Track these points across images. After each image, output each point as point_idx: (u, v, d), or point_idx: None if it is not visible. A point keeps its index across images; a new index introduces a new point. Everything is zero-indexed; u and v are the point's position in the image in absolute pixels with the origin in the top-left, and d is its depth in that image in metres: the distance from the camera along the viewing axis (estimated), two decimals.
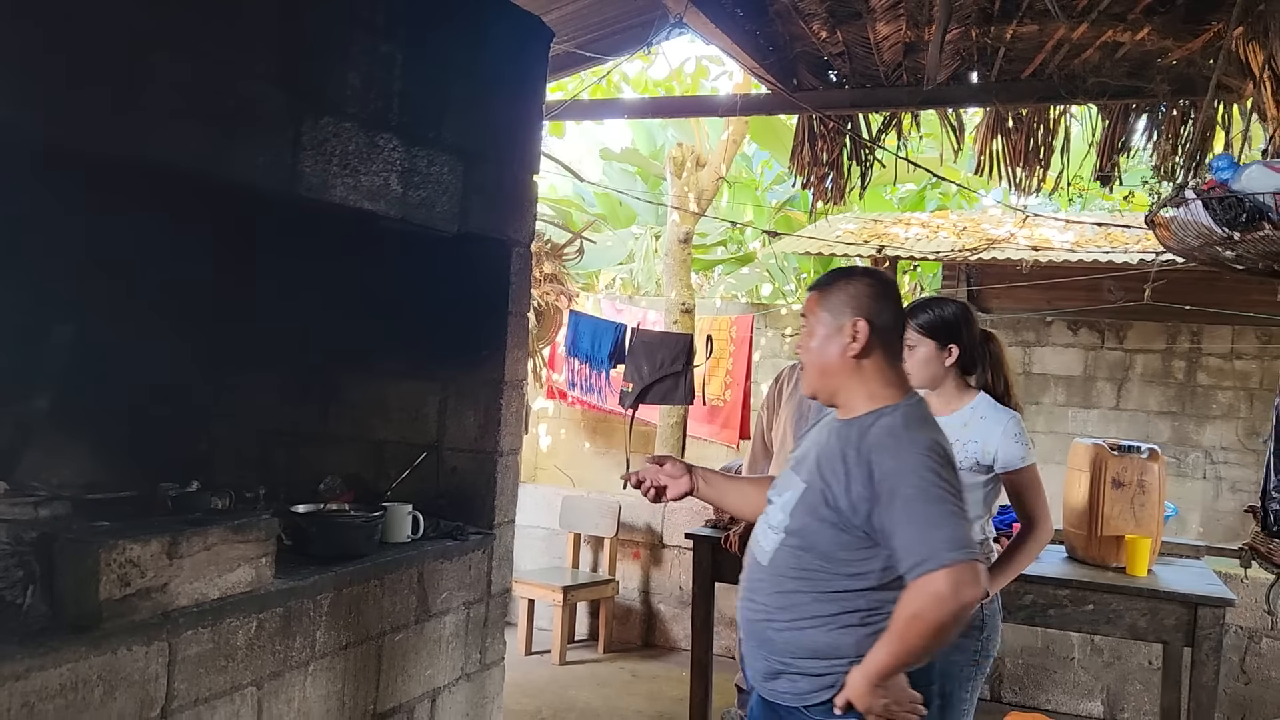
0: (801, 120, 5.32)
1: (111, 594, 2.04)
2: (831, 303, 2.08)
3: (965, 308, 2.89)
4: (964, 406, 2.86)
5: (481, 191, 3.08)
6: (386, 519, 2.96)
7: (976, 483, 2.82)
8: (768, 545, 2.11)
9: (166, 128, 2.06)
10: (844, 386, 2.06)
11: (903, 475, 1.90)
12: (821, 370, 2.08)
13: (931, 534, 1.85)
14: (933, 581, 1.82)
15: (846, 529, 1.97)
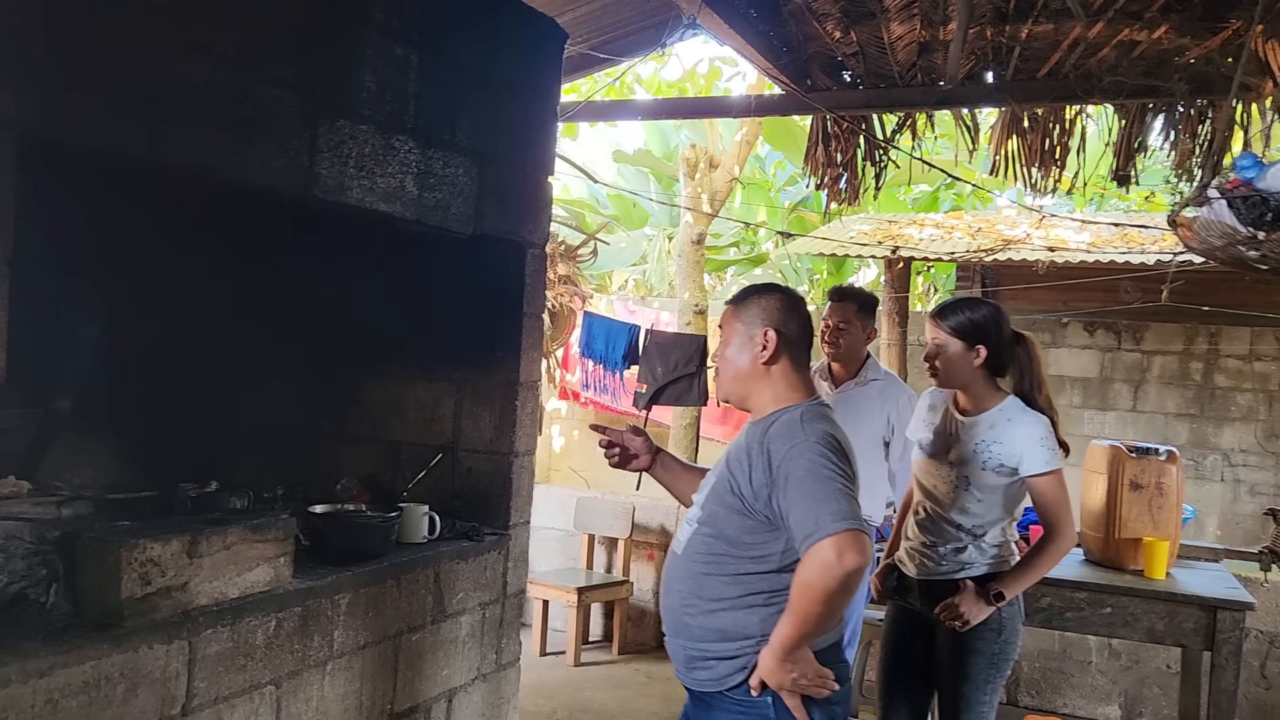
0: (815, 121, 5.31)
1: (133, 592, 2.06)
2: (745, 315, 2.25)
3: (997, 309, 2.89)
4: (992, 408, 2.85)
5: (496, 193, 3.10)
6: (403, 519, 2.98)
7: (999, 484, 2.83)
8: (683, 536, 2.27)
9: (183, 130, 2.08)
10: (754, 391, 2.24)
11: (796, 460, 2.05)
12: (734, 376, 2.26)
13: (819, 508, 1.99)
14: (820, 550, 1.96)
15: (749, 514, 2.12)
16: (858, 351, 3.97)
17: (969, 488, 2.85)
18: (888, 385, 3.95)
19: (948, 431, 2.93)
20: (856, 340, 3.95)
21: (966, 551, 2.89)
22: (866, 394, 3.92)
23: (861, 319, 3.95)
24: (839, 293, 4.05)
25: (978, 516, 2.87)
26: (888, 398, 3.90)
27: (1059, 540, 2.79)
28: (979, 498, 2.85)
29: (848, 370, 3.99)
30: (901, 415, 3.81)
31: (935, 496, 2.93)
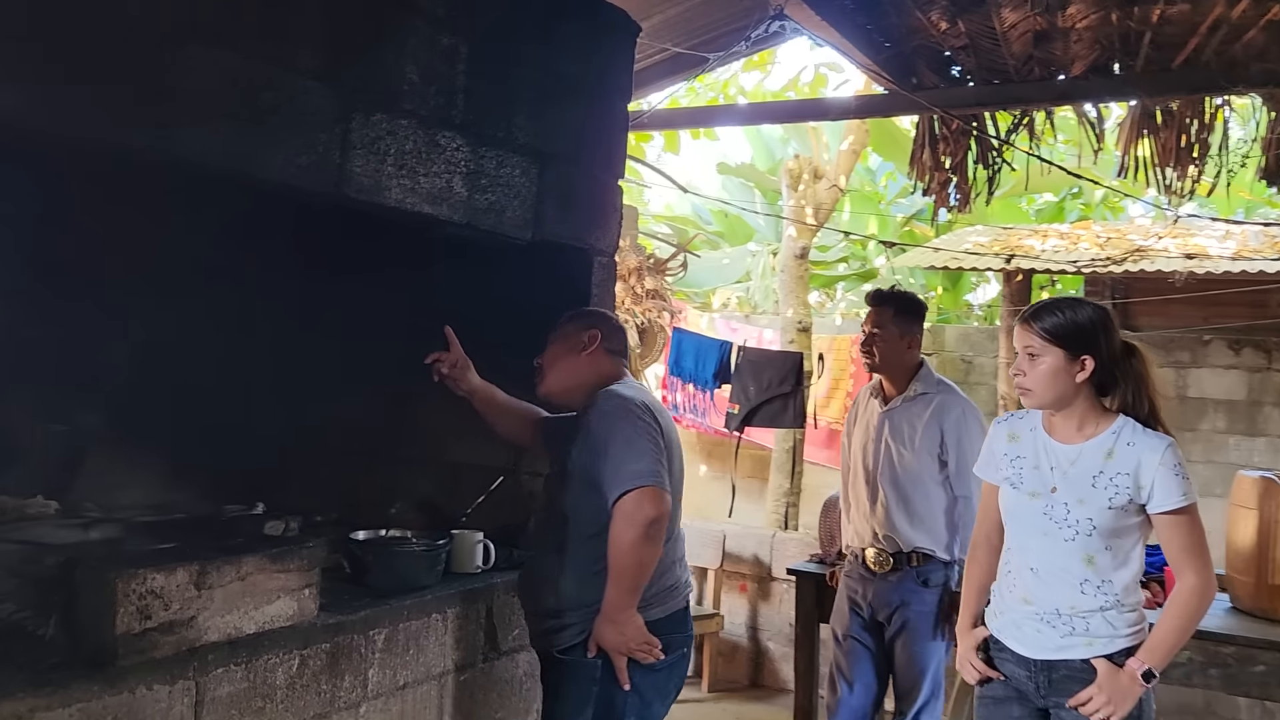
0: (921, 121, 4.94)
1: (130, 627, 1.88)
2: (568, 327, 2.60)
3: (1103, 312, 2.39)
4: (1104, 432, 2.34)
5: (558, 196, 2.87)
6: (454, 547, 2.76)
7: (1131, 525, 2.31)
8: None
9: (194, 124, 1.91)
10: (582, 386, 2.53)
11: (610, 431, 2.34)
12: (560, 375, 2.56)
13: (621, 470, 2.28)
14: (621, 505, 2.25)
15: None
16: (898, 361, 3.47)
17: (1091, 533, 2.31)
18: (941, 397, 3.43)
19: (1046, 465, 2.39)
20: (893, 348, 3.45)
21: (1098, 620, 2.32)
22: (914, 409, 3.43)
23: (900, 324, 3.45)
24: (874, 296, 3.61)
25: (1107, 571, 2.31)
26: (941, 411, 3.39)
27: (1204, 589, 2.29)
28: (1105, 546, 2.31)
29: (897, 385, 3.51)
30: (960, 431, 3.34)
31: (1044, 550, 2.37)
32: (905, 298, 3.58)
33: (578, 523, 2.40)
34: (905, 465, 3.39)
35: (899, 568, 3.39)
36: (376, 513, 3.06)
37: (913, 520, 3.38)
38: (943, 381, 3.51)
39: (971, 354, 8.81)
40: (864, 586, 3.48)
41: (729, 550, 5.28)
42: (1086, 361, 2.32)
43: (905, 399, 3.45)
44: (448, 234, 2.61)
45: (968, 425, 3.36)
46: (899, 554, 3.39)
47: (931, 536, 3.37)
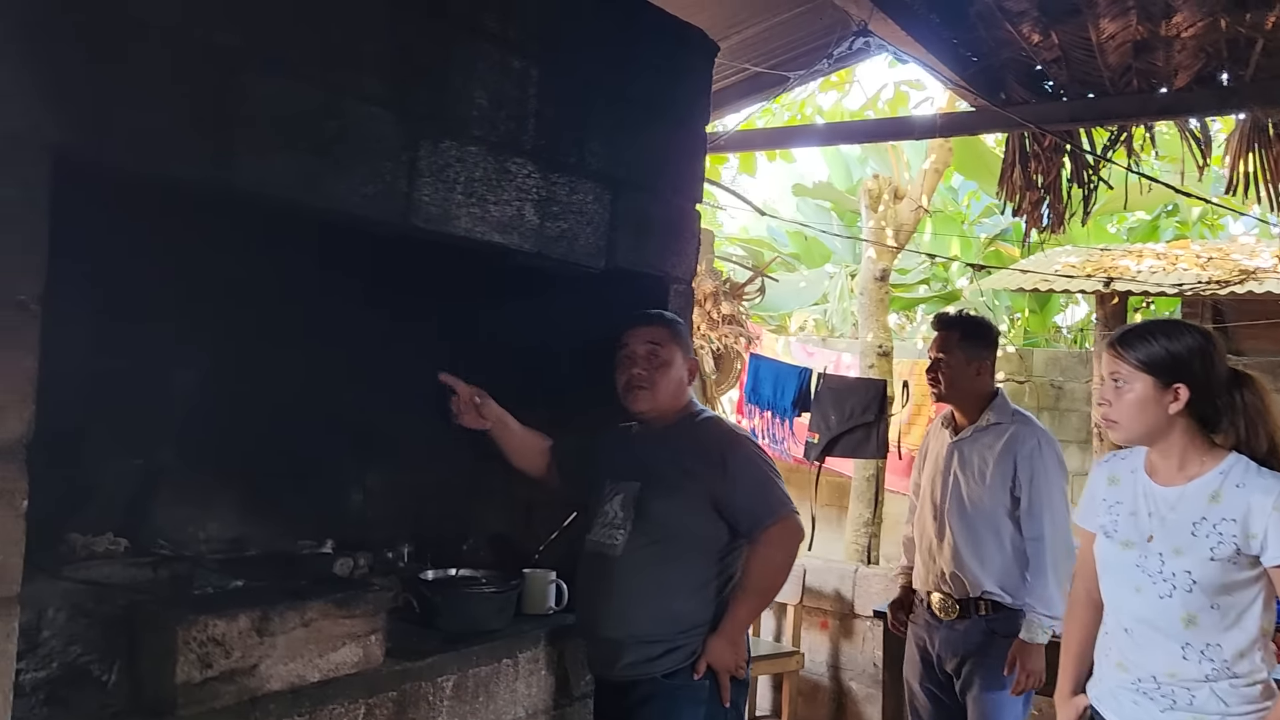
0: (1011, 139, 4.73)
1: (190, 677, 1.81)
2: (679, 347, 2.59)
3: (1204, 336, 2.13)
4: (1209, 471, 2.07)
5: (632, 223, 2.76)
6: (525, 588, 2.66)
7: (1242, 580, 2.03)
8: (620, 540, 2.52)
9: (254, 152, 1.85)
10: (677, 407, 2.57)
11: (744, 458, 2.47)
12: (672, 392, 2.54)
13: (770, 496, 2.42)
14: (774, 531, 2.37)
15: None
16: (966, 388, 3.24)
17: (1191, 589, 2.05)
18: (1015, 428, 3.17)
19: (1144, 511, 2.14)
20: (960, 374, 3.22)
21: (1204, 692, 2.05)
22: (985, 440, 3.19)
23: (967, 349, 3.22)
24: (940, 320, 3.39)
25: (1212, 633, 2.04)
26: (1015, 442, 3.14)
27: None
28: (1211, 604, 2.04)
29: (968, 414, 3.27)
30: (1035, 465, 3.09)
31: (1138, 608, 2.13)
32: (972, 321, 3.38)
33: (680, 543, 2.38)
34: (974, 500, 3.16)
35: (966, 615, 3.16)
36: (448, 548, 2.98)
37: (982, 561, 3.13)
38: (1019, 411, 3.27)
39: (1061, 379, 8.48)
40: (930, 634, 3.26)
41: (809, 585, 5.09)
42: (1180, 391, 2.06)
43: (976, 429, 3.22)
44: (518, 263, 2.52)
45: (1043, 459, 3.11)
46: (966, 600, 3.15)
47: (1001, 581, 3.12)
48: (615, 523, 2.45)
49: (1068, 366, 8.47)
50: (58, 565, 2.19)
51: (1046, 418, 8.47)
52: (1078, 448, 8.21)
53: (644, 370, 2.50)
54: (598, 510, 2.53)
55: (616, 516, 2.45)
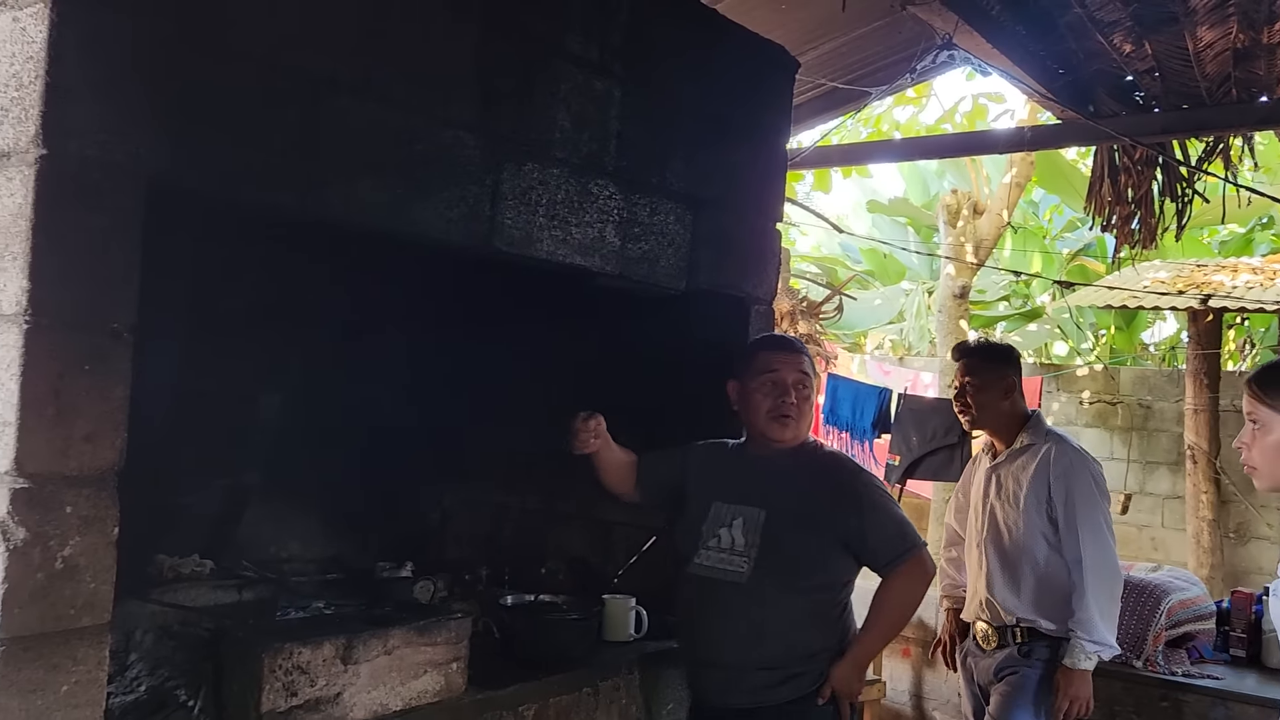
0: (1099, 152, 4.58)
1: (275, 705, 1.80)
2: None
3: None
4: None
5: (713, 243, 2.72)
6: (605, 614, 2.61)
7: None
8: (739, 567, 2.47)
9: (341, 178, 1.85)
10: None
11: (878, 492, 2.52)
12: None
13: (905, 531, 2.44)
14: (912, 566, 2.38)
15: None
16: (996, 410, 3.14)
17: None
18: (1049, 447, 3.05)
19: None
20: (989, 397, 3.12)
21: None
22: (1020, 462, 3.08)
23: (992, 371, 3.13)
24: (958, 349, 3.33)
25: None
26: (1048, 463, 3.02)
27: None
28: None
29: (1003, 438, 3.16)
30: (1069, 484, 2.96)
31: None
32: (992, 346, 3.38)
33: (811, 576, 2.38)
34: (1010, 525, 3.04)
35: (1004, 644, 3.04)
36: (527, 570, 2.96)
37: (1018, 588, 3.01)
38: (1053, 431, 3.14)
39: (1150, 398, 8.20)
40: (976, 664, 3.16)
41: None
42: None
43: (1011, 453, 3.11)
44: (600, 284, 2.49)
45: (1077, 478, 2.97)
46: (1003, 627, 3.04)
47: (1038, 607, 2.98)
48: (736, 549, 2.41)
49: (1157, 385, 8.18)
50: (145, 587, 2.22)
51: (1135, 438, 8.18)
52: (1168, 469, 7.91)
53: (795, 400, 2.45)
54: (708, 532, 2.46)
55: (736, 543, 2.41)
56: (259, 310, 2.59)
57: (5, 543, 1.43)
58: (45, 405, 1.46)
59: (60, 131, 1.47)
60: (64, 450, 1.49)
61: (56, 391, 1.47)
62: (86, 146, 1.50)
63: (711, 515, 2.47)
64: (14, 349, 1.44)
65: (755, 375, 2.46)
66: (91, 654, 1.53)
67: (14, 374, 1.44)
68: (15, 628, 1.44)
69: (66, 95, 1.47)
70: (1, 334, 1.46)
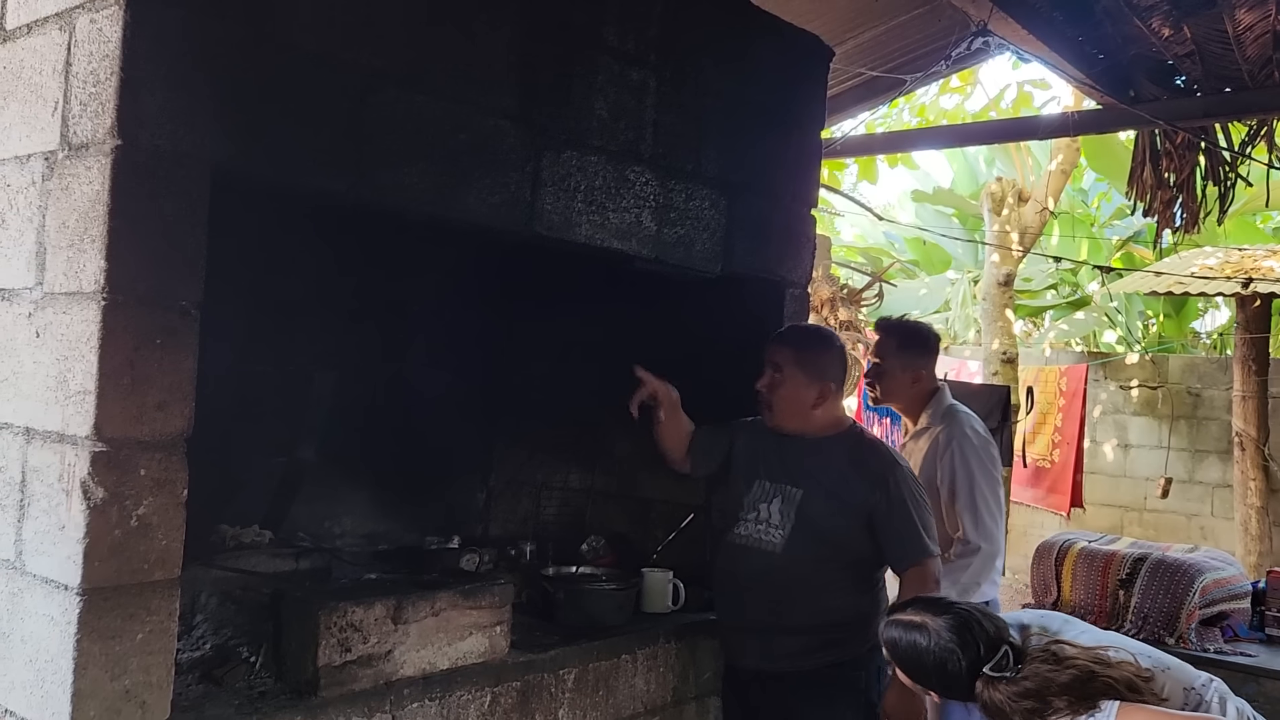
0: (1140, 137, 4.57)
1: (331, 659, 1.92)
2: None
3: None
4: None
5: (748, 228, 2.79)
6: (644, 587, 2.71)
7: None
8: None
9: (389, 165, 1.96)
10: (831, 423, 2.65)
11: (915, 489, 2.60)
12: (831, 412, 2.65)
13: (929, 532, 2.53)
14: (929, 569, 2.48)
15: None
16: (902, 393, 3.24)
17: None
18: (940, 431, 3.14)
19: None
20: (895, 381, 3.22)
21: None
22: (918, 445, 3.18)
23: (903, 357, 3.21)
24: (879, 324, 3.42)
25: None
26: (936, 446, 3.12)
27: None
28: None
29: (912, 418, 3.27)
30: (954, 465, 3.04)
31: None
32: (910, 329, 3.36)
33: (841, 552, 2.51)
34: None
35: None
36: (569, 546, 3.06)
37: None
38: (951, 410, 3.19)
39: (1199, 386, 8.10)
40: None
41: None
42: None
43: (915, 432, 3.23)
44: (637, 268, 2.58)
45: (959, 458, 3.06)
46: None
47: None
48: (773, 522, 2.55)
49: (1206, 373, 8.08)
50: (209, 554, 2.36)
51: (1184, 426, 8.10)
52: (1217, 458, 7.82)
53: (763, 388, 2.60)
54: (748, 506, 2.60)
55: (774, 517, 2.55)
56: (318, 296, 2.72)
57: (86, 501, 1.56)
58: (122, 375, 1.59)
59: (134, 123, 1.59)
60: (138, 417, 1.62)
61: (131, 363, 1.60)
62: (158, 137, 1.62)
63: (754, 491, 2.62)
64: (93, 324, 1.57)
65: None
66: (163, 605, 1.66)
67: (93, 347, 1.57)
68: (96, 579, 1.58)
69: (139, 90, 1.59)
70: (82, 310, 1.59)
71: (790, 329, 2.80)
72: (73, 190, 1.63)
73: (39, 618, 1.63)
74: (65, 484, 1.59)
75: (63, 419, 1.61)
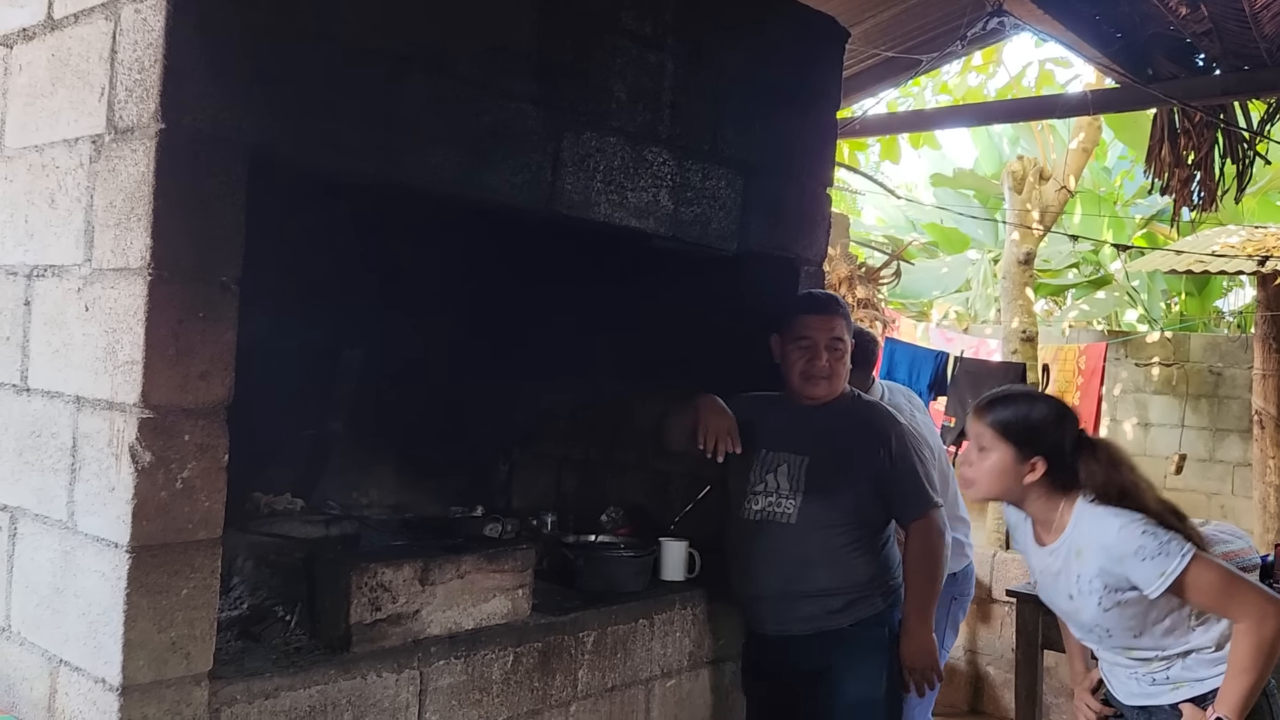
0: (1159, 115, 4.59)
1: (362, 617, 2.03)
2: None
3: None
4: None
5: (764, 207, 2.86)
6: (661, 555, 2.80)
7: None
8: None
9: (416, 148, 2.04)
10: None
11: (911, 445, 2.69)
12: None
13: (932, 486, 2.65)
14: (934, 520, 2.60)
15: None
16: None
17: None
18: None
19: None
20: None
21: (1178, 668, 2.26)
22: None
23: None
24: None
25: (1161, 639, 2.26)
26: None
27: (1257, 625, 2.06)
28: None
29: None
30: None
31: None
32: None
33: (850, 514, 2.59)
34: None
35: None
36: (589, 517, 3.15)
37: None
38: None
39: (1221, 365, 8.09)
40: None
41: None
42: None
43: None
44: (654, 246, 2.66)
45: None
46: None
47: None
48: (782, 493, 2.63)
49: (1227, 352, 8.06)
50: (244, 520, 2.47)
51: (1205, 405, 8.10)
52: (1238, 437, 7.82)
53: (827, 362, 2.63)
54: (756, 477, 2.67)
55: (781, 488, 2.63)
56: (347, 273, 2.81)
57: (135, 464, 1.67)
58: (167, 346, 1.69)
59: (176, 108, 1.69)
60: (183, 386, 1.72)
61: (176, 335, 1.70)
62: (199, 121, 1.71)
63: (759, 461, 2.69)
64: (140, 298, 1.67)
65: (792, 338, 2.68)
66: (206, 563, 1.77)
67: (140, 319, 1.67)
68: (144, 537, 1.68)
69: (181, 76, 1.68)
70: (129, 285, 1.69)
71: (814, 297, 2.81)
72: (119, 171, 1.72)
73: (91, 574, 1.74)
74: (114, 448, 1.69)
75: (112, 387, 1.71)
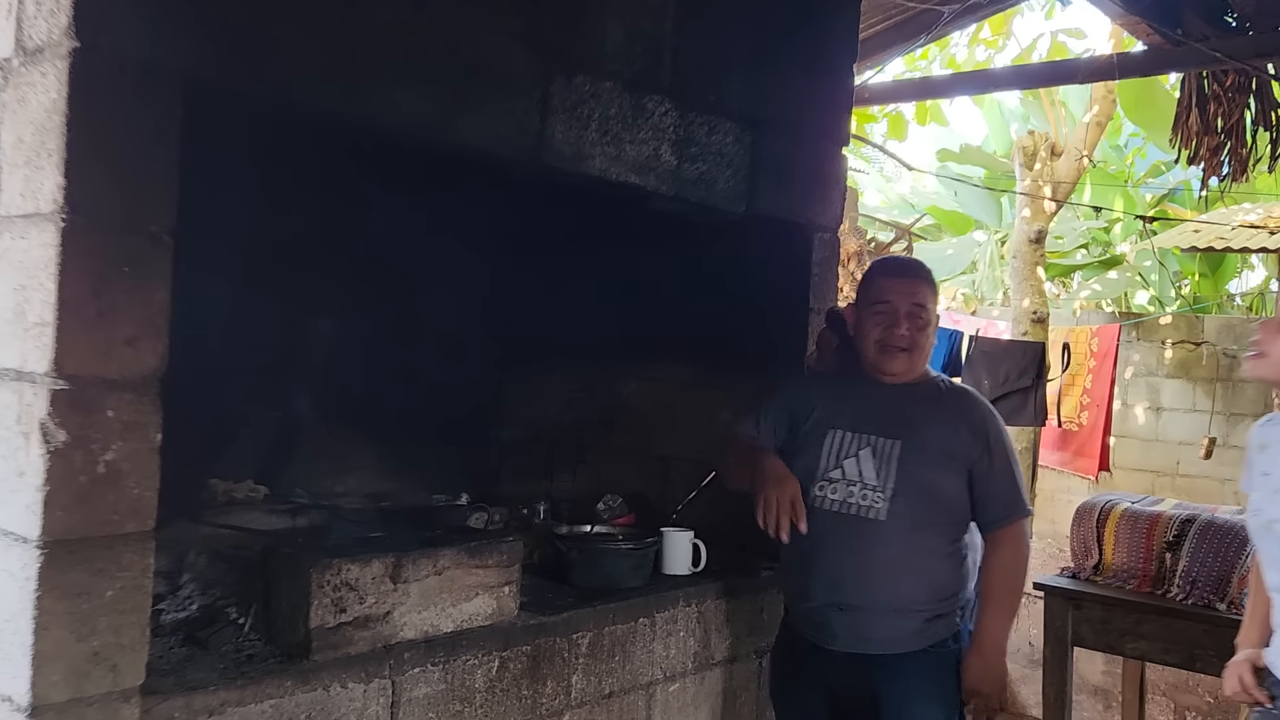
0: (1187, 79, 4.33)
1: (324, 621, 1.78)
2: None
3: None
4: None
5: (774, 166, 2.62)
6: (663, 547, 2.56)
7: None
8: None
9: (383, 86, 1.79)
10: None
11: (1009, 444, 2.40)
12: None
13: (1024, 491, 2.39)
14: (1023, 527, 2.31)
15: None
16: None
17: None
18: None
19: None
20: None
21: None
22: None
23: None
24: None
25: None
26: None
27: None
28: None
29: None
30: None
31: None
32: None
33: (943, 511, 2.26)
34: None
35: None
36: (584, 505, 2.92)
37: None
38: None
39: (1235, 347, 7.85)
40: None
41: None
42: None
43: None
44: (655, 207, 2.41)
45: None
46: None
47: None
48: (868, 483, 2.24)
49: (1243, 334, 7.82)
50: (198, 510, 2.23)
51: (1219, 389, 7.87)
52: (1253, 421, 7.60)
53: (909, 331, 2.26)
54: (828, 464, 2.28)
55: (866, 476, 2.25)
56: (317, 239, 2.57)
57: (46, 444, 1.42)
58: (85, 306, 1.44)
59: (93, 25, 1.43)
60: (105, 353, 1.47)
61: (96, 292, 1.45)
62: (122, 41, 1.46)
63: (830, 445, 2.30)
64: (50, 247, 1.42)
65: (869, 303, 2.31)
66: (136, 560, 1.52)
67: (51, 273, 1.42)
68: (58, 530, 1.43)
69: None
70: (38, 232, 1.44)
71: (897, 260, 2.56)
72: (29, 101, 1.47)
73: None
74: (23, 426, 1.44)
75: (20, 354, 1.46)
